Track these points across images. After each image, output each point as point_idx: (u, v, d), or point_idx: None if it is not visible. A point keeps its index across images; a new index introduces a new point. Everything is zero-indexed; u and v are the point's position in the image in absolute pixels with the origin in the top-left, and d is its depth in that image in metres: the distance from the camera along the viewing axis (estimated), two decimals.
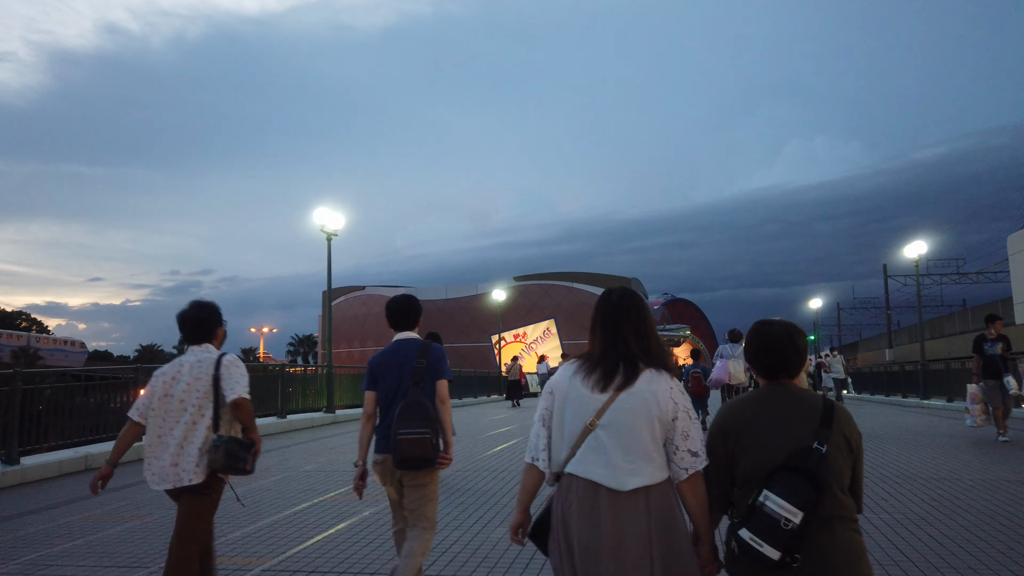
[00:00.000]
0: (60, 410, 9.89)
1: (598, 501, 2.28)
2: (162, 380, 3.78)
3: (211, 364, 3.77)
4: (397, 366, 3.91)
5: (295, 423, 14.83)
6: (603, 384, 2.36)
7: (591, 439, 2.33)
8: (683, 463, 2.33)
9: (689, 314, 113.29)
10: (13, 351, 71.20)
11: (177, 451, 3.64)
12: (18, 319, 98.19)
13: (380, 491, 7.32)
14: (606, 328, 2.47)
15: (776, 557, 2.11)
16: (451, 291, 66.80)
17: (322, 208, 16.98)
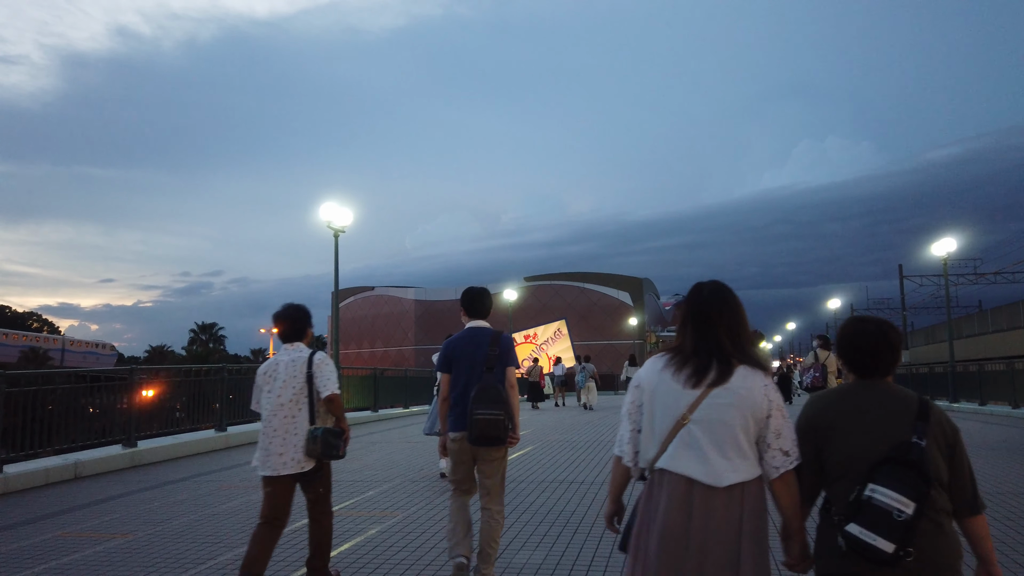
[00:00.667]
0: (52, 414, 9.29)
1: (691, 497, 2.27)
2: (263, 378, 4.30)
3: (304, 363, 4.25)
4: (471, 352, 4.35)
5: None
6: (695, 380, 2.33)
7: (684, 434, 2.31)
8: (775, 461, 2.32)
9: None
10: (23, 352, 71.16)
11: (283, 442, 4.15)
12: (30, 320, 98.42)
13: (386, 507, 6.72)
14: (697, 323, 2.43)
15: (890, 550, 2.06)
16: (461, 292, 66.18)
17: (329, 203, 16.36)
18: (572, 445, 11.33)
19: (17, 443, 8.64)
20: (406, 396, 20.17)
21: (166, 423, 11.05)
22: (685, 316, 2.49)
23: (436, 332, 67.96)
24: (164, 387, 12.04)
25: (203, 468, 9.50)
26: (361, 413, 17.36)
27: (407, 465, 9.38)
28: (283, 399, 4.21)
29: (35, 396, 8.83)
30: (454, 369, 4.43)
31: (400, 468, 9.12)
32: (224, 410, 12.04)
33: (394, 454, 10.53)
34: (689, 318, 2.47)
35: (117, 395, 10.15)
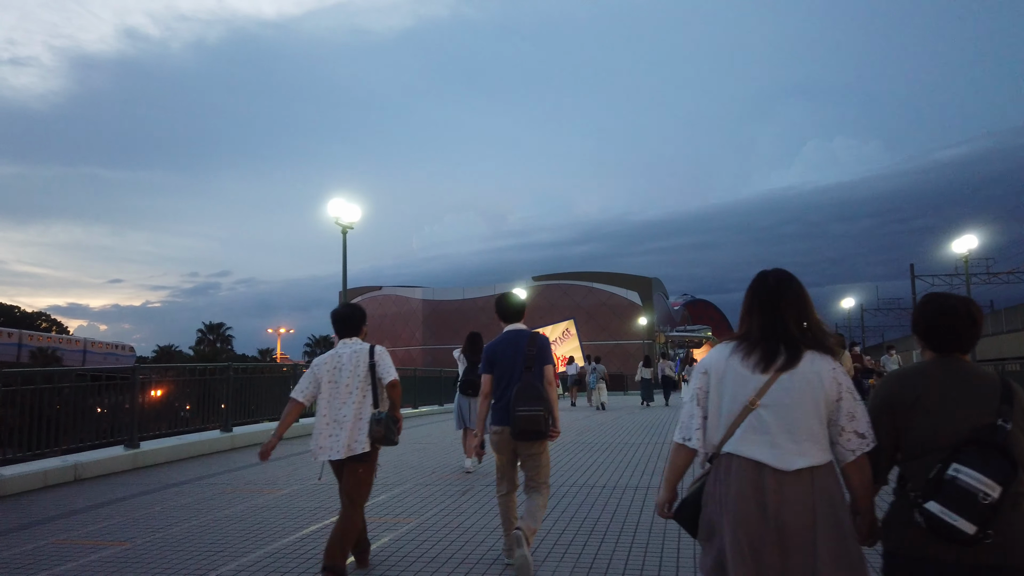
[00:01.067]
0: (51, 414, 8.97)
1: (762, 481, 2.27)
2: (325, 368, 4.58)
3: (366, 353, 4.61)
4: (511, 353, 4.68)
5: (308, 427, 13.84)
6: (764, 365, 2.35)
7: (752, 419, 2.33)
8: (849, 444, 2.33)
9: (709, 315, 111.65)
10: (31, 351, 71.26)
11: (351, 426, 4.43)
12: (38, 320, 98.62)
13: (399, 512, 6.20)
14: (764, 310, 2.45)
15: (972, 531, 2.06)
16: (468, 292, 65.87)
17: (337, 199, 16.04)
18: (589, 447, 10.95)
19: (14, 444, 8.33)
20: (415, 396, 19.82)
21: (170, 423, 10.72)
22: (751, 304, 2.50)
23: (444, 332, 67.68)
24: (168, 387, 11.71)
25: (207, 470, 9.17)
26: None
27: (419, 467, 9.01)
28: (350, 387, 4.55)
29: (33, 395, 8.50)
30: (496, 370, 4.75)
31: (412, 471, 8.75)
32: (230, 410, 11.71)
33: (405, 456, 10.17)
34: (755, 305, 2.47)
35: (119, 395, 9.81)
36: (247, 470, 9.08)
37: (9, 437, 8.26)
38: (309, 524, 6.01)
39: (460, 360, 9.36)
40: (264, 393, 13.19)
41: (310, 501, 6.95)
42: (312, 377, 4.62)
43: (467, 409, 8.87)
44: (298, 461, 9.79)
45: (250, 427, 12.42)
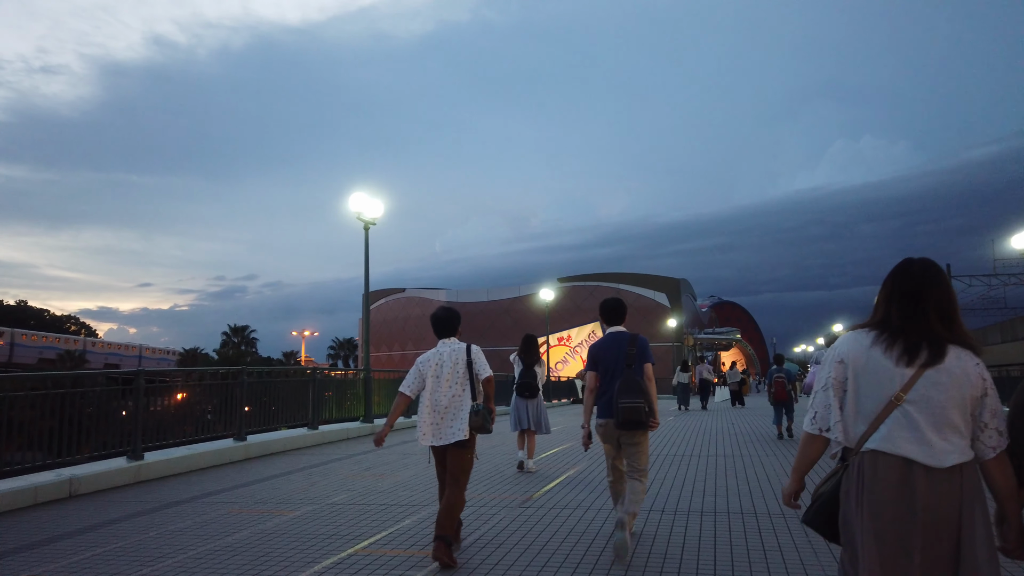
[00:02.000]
0: (45, 421, 8.19)
1: (911, 479, 2.23)
2: (429, 365, 5.15)
3: (463, 351, 5.20)
4: (614, 352, 5.19)
5: (328, 435, 13.02)
6: (908, 358, 2.29)
7: (899, 415, 2.27)
8: (991, 441, 2.29)
9: (737, 317, 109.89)
10: (59, 353, 71.70)
11: (452, 416, 5.02)
12: (67, 323, 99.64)
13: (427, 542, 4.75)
14: (906, 300, 2.37)
15: None
16: (492, 293, 65.00)
17: (359, 194, 15.20)
18: None
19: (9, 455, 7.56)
20: None
21: (179, 432, 9.91)
22: (890, 292, 2.42)
23: (468, 334, 66.23)
24: (178, 392, 10.92)
25: (216, 484, 8.33)
26: None
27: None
28: (450, 382, 5.13)
29: (23, 402, 7.71)
30: (600, 367, 5.30)
31: None
32: (244, 417, 10.89)
33: (431, 469, 9.22)
34: (895, 295, 2.40)
35: (122, 401, 9.02)
36: (259, 486, 8.23)
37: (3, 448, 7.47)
38: (321, 557, 5.11)
39: (516, 363, 9.42)
40: (283, 399, 12.36)
41: (324, 525, 6.06)
42: (417, 373, 5.22)
43: (524, 411, 9.05)
44: (315, 475, 8.93)
45: (266, 435, 11.61)
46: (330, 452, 11.47)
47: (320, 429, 12.91)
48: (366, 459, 10.41)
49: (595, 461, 9.63)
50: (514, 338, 50.15)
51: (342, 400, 14.43)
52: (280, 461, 10.39)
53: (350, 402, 14.82)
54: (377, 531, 5.82)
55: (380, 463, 9.92)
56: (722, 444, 11.79)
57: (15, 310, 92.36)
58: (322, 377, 13.68)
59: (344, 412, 14.44)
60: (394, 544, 5.38)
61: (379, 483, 8.18)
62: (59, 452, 7.98)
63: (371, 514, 6.50)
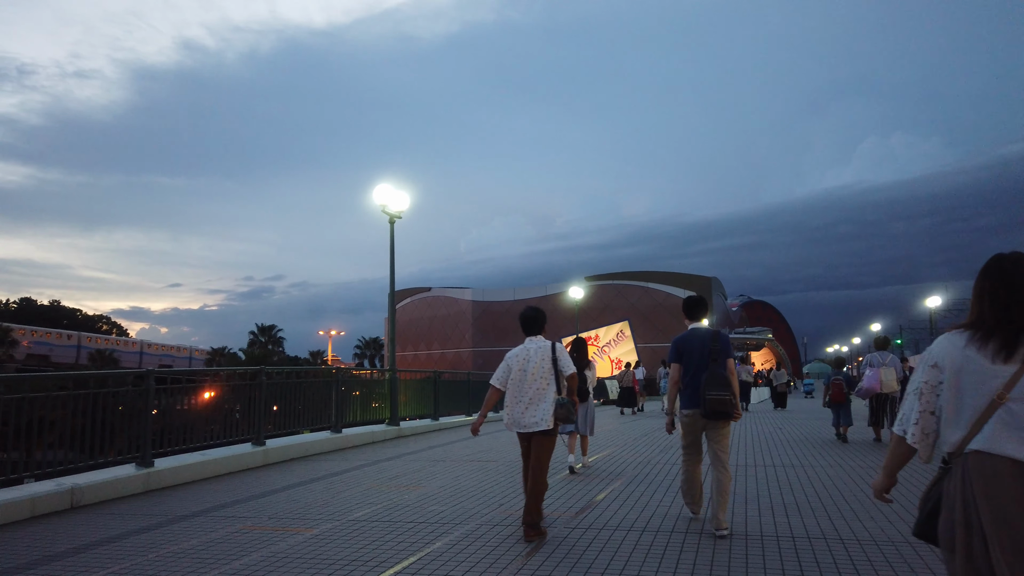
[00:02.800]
0: (44, 425, 7.59)
1: (1022, 479, 2.16)
2: (516, 360, 5.76)
3: (549, 349, 5.76)
4: (698, 347, 5.66)
5: (351, 438, 12.35)
6: (1005, 355, 2.26)
7: (1003, 414, 2.22)
8: None
9: (767, 316, 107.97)
10: (90, 353, 72.41)
11: (535, 408, 5.60)
12: (99, 322, 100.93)
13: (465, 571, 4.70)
14: (998, 296, 2.33)
15: None
16: (519, 292, 64.25)
17: (384, 185, 14.53)
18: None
19: (11, 462, 6.96)
20: (468, 403, 18.22)
21: (193, 436, 9.27)
22: (982, 288, 2.38)
23: (494, 334, 66.15)
24: (195, 392, 10.31)
25: (230, 494, 7.68)
26: (420, 422, 15.44)
27: (482, 497, 7.33)
28: (536, 376, 5.61)
29: (20, 404, 7.09)
30: (684, 361, 5.68)
31: (473, 502, 7.07)
32: (263, 420, 10.25)
33: (462, 479, 8.52)
34: (988, 290, 2.36)
35: (132, 403, 8.40)
36: (275, 497, 7.55)
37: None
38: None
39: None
40: (305, 400, 11.71)
41: (344, 547, 5.33)
42: (506, 367, 5.75)
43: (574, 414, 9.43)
44: (337, 484, 8.23)
45: (286, 439, 10.96)
46: (354, 457, 10.78)
47: (343, 433, 12.25)
48: (391, 467, 9.70)
49: (642, 465, 8.83)
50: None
51: (367, 402, 13.76)
52: (300, 467, 9.72)
53: (375, 404, 14.14)
54: (404, 555, 5.08)
55: (407, 472, 9.20)
56: (780, 451, 10.90)
57: (48, 310, 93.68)
58: (346, 377, 13.01)
59: (369, 414, 13.76)
60: (424, 572, 4.63)
61: (405, 495, 7.45)
62: (61, 458, 7.36)
63: (397, 533, 5.76)
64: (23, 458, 7.12)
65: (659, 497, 7.13)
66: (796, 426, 16.26)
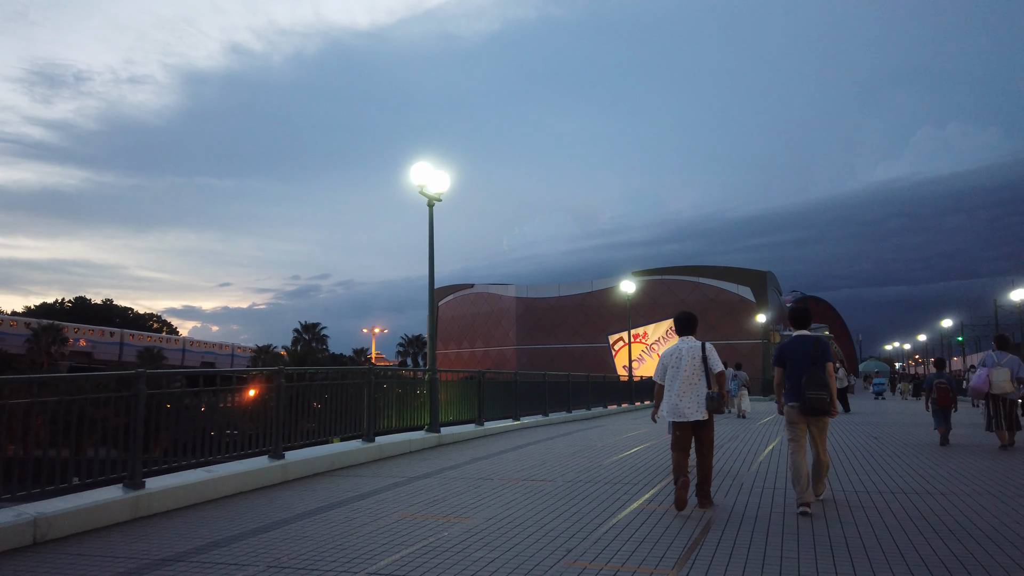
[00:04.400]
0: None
1: None
2: (671, 359, 6.72)
3: (699, 348, 6.67)
4: (801, 352, 6.56)
5: (385, 448, 10.89)
6: None
7: None
8: None
9: (821, 313, 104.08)
10: (139, 352, 73.09)
11: (690, 401, 6.52)
12: (150, 320, 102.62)
13: None
14: None
15: None
16: (563, 289, 62.51)
17: (421, 164, 13.04)
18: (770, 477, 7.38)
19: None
20: (515, 406, 16.65)
21: (194, 449, 7.89)
22: None
23: (538, 331, 64.54)
24: (198, 399, 8.95)
25: (232, 526, 6.25)
26: (463, 428, 13.93)
27: (541, 535, 5.70)
28: (687, 373, 6.59)
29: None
30: (788, 364, 6.64)
31: (531, 543, 5.46)
32: (281, 429, 8.84)
33: (514, 506, 6.95)
34: None
35: (118, 409, 7.02)
36: (283, 530, 6.08)
37: None
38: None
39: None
40: (333, 404, 10.29)
41: None
42: (662, 365, 6.78)
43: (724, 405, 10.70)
44: (361, 511, 6.74)
45: (310, 451, 9.55)
46: (387, 472, 9.31)
47: (376, 442, 10.80)
48: (430, 486, 8.18)
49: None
50: (587, 335, 47.66)
51: (404, 405, 12.29)
52: (323, 486, 8.29)
53: (413, 407, 12.66)
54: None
55: (448, 494, 7.67)
56: (891, 465, 9.04)
57: (101, 308, 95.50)
58: (380, 377, 11.55)
59: (406, 419, 12.30)
60: None
61: (445, 531, 5.90)
62: (20, 480, 6.00)
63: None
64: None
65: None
66: (886, 430, 14.27)
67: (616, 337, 58.48)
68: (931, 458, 10.19)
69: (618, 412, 24.49)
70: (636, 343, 55.65)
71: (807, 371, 6.37)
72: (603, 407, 24.25)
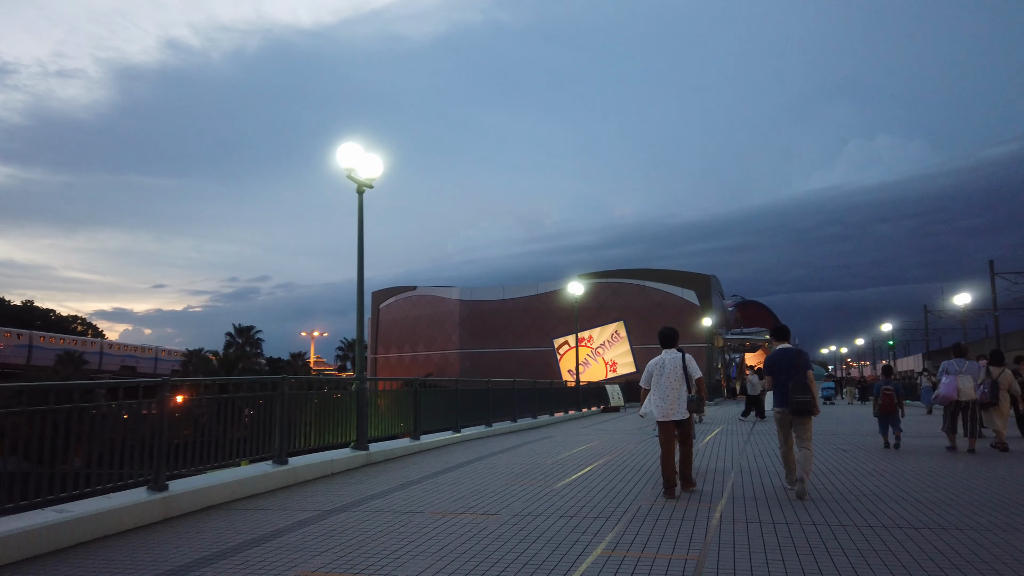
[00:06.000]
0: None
1: None
2: (655, 367, 8.03)
3: (680, 358, 7.96)
4: (786, 363, 7.83)
5: (301, 472, 9.31)
6: None
7: None
8: None
9: (761, 317, 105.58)
10: (59, 355, 68.57)
11: (673, 402, 7.81)
12: (73, 323, 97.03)
13: None
14: None
15: None
16: (508, 291, 61.21)
17: (350, 145, 11.44)
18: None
19: None
20: (456, 417, 15.18)
21: (45, 485, 6.18)
22: None
23: (483, 335, 62.93)
24: (45, 420, 7.23)
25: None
26: (396, 443, 12.40)
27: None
28: (671, 379, 7.87)
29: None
30: (775, 373, 7.92)
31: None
32: (164, 454, 7.20)
33: (450, 554, 5.51)
34: None
35: None
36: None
37: None
38: None
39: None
40: (236, 419, 8.66)
41: None
42: (648, 372, 8.06)
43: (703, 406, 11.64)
44: (249, 566, 5.19)
45: (206, 478, 7.92)
46: (297, 504, 7.75)
47: (290, 464, 9.21)
48: (345, 526, 6.66)
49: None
50: (532, 339, 46.07)
51: (325, 419, 10.68)
52: (214, 525, 6.70)
53: (337, 421, 11.05)
54: None
55: (364, 538, 6.17)
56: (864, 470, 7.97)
57: (21, 311, 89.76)
58: (293, 388, 9.95)
59: (328, 436, 10.69)
60: None
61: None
62: None
63: None
64: None
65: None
66: (841, 438, 13.37)
67: (561, 341, 57.55)
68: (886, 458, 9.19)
69: (565, 420, 23.26)
70: (582, 347, 54.76)
71: (792, 379, 7.69)
72: (549, 415, 22.97)
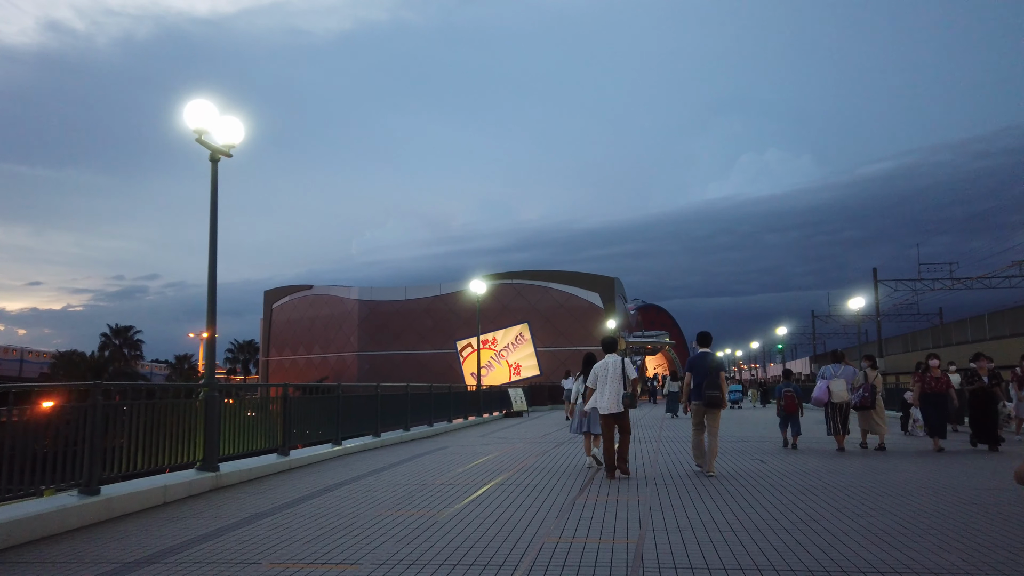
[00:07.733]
0: None
1: None
2: (601, 369, 9.50)
3: (619, 361, 9.45)
4: (703, 364, 9.61)
5: (119, 504, 7.33)
6: None
7: None
8: None
9: (661, 321, 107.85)
10: None
11: (612, 399, 9.32)
12: None
13: None
14: None
15: None
16: (411, 292, 59.15)
17: (200, 102, 9.42)
18: None
19: None
20: (338, 427, 13.36)
21: None
22: None
23: (383, 337, 60.38)
24: None
25: None
26: (257, 461, 10.49)
27: None
28: (612, 380, 9.37)
29: None
30: (695, 373, 9.68)
31: None
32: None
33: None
34: None
35: None
36: None
37: None
38: None
39: (578, 382, 11.32)
40: (28, 436, 6.64)
41: None
42: (594, 374, 9.60)
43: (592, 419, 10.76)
44: None
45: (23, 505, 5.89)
46: (100, 551, 5.84)
47: (103, 493, 7.24)
48: (179, 566, 4.86)
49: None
50: (434, 341, 43.96)
51: (159, 434, 8.67)
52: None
53: (180, 435, 9.06)
54: None
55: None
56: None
57: None
58: (111, 399, 7.95)
59: (166, 455, 8.70)
60: None
61: None
62: None
63: None
64: None
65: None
66: (740, 433, 12.54)
67: (464, 343, 56.05)
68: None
69: (464, 427, 21.73)
70: (485, 349, 53.37)
71: (707, 378, 9.43)
72: (447, 421, 21.39)
